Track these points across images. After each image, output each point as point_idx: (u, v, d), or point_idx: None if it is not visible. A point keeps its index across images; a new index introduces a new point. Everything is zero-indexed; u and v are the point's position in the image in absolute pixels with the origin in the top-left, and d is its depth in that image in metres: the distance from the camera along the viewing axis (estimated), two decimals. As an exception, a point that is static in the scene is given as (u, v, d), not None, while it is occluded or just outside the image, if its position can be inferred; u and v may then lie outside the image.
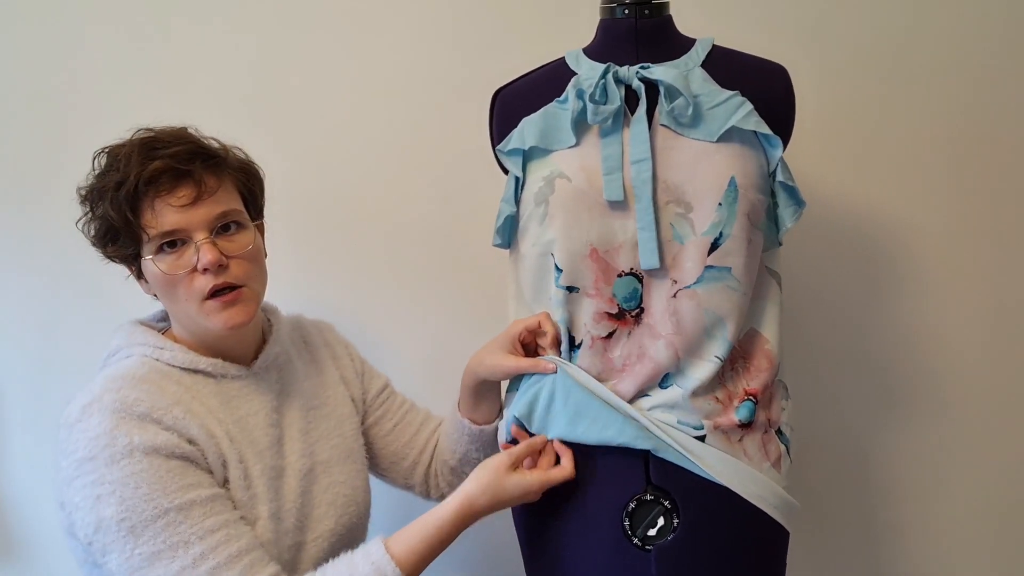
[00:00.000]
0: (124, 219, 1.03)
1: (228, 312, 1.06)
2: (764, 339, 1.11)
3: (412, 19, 1.55)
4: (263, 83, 1.56)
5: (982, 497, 1.55)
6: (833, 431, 1.56)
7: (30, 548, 1.58)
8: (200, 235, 1.04)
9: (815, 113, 1.47)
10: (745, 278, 1.07)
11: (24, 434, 1.58)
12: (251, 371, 1.13)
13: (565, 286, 1.09)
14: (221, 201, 1.07)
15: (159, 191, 1.03)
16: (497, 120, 1.19)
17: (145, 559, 0.95)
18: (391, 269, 1.58)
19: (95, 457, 0.97)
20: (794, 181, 1.09)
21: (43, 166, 1.57)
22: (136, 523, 0.95)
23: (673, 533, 1.05)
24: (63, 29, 1.55)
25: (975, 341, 1.54)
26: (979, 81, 1.52)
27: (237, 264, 1.07)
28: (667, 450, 1.04)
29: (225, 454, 1.05)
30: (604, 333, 1.09)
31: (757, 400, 1.09)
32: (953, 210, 1.53)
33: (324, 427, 1.20)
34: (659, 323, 1.07)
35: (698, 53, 1.12)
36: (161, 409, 1.01)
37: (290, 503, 1.10)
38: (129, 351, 1.09)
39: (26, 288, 1.57)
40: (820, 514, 1.54)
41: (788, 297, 1.26)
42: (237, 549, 0.99)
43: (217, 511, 1.00)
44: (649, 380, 1.08)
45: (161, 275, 1.05)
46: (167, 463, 0.98)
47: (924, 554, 1.56)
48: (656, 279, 1.07)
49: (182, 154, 1.04)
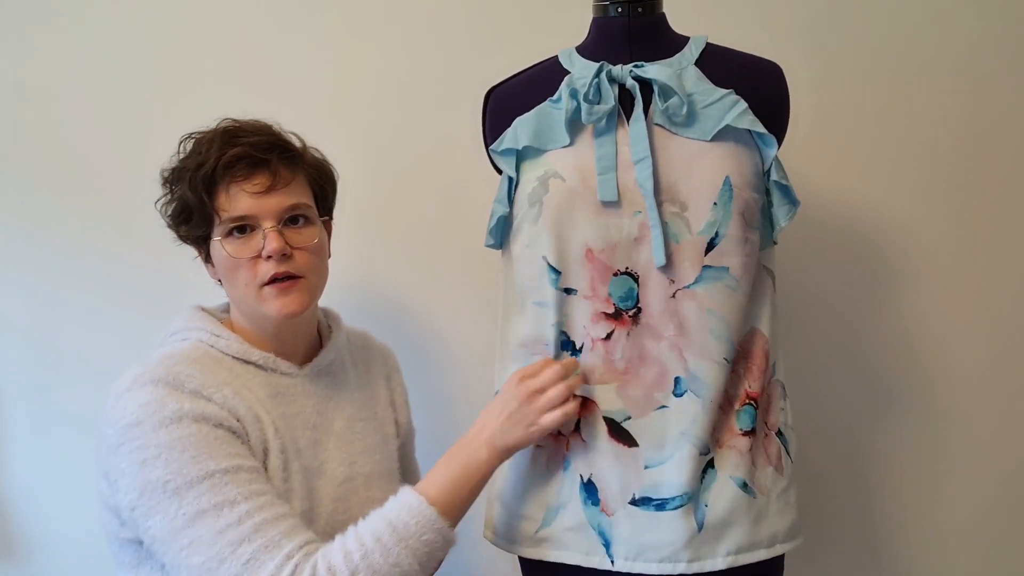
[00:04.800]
0: (199, 200, 1.07)
1: (283, 300, 1.08)
2: (764, 338, 1.10)
3: (404, 19, 1.55)
4: (261, 83, 1.56)
5: (980, 497, 1.55)
6: (830, 431, 1.55)
7: (30, 548, 1.58)
8: (268, 223, 1.07)
9: (810, 111, 1.46)
10: (743, 277, 1.07)
11: (24, 434, 1.58)
12: (302, 372, 1.15)
13: (563, 288, 1.08)
14: (293, 193, 1.10)
15: (235, 176, 1.07)
16: (490, 119, 1.19)
17: (189, 518, 0.96)
18: (391, 269, 1.58)
19: (142, 422, 0.98)
20: (788, 180, 1.09)
21: (44, 165, 1.57)
22: (181, 484, 0.96)
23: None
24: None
25: (972, 340, 1.54)
26: (976, 81, 1.51)
27: (300, 255, 1.10)
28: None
29: (268, 441, 1.06)
30: (603, 334, 1.08)
31: (757, 404, 1.09)
32: (949, 209, 1.53)
33: (369, 441, 1.20)
34: (659, 324, 1.06)
35: (692, 51, 1.12)
36: (212, 388, 1.03)
37: (322, 506, 1.10)
38: (186, 334, 1.12)
39: (26, 288, 1.57)
40: (817, 514, 1.54)
41: (785, 297, 1.26)
42: (282, 511, 1.00)
43: (262, 480, 1.01)
44: (657, 385, 1.06)
45: (227, 258, 1.08)
46: (215, 431, 1.00)
47: (922, 554, 1.56)
48: (653, 279, 1.06)
49: (261, 144, 1.09)
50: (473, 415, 1.57)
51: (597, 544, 1.07)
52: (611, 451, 1.07)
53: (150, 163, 1.53)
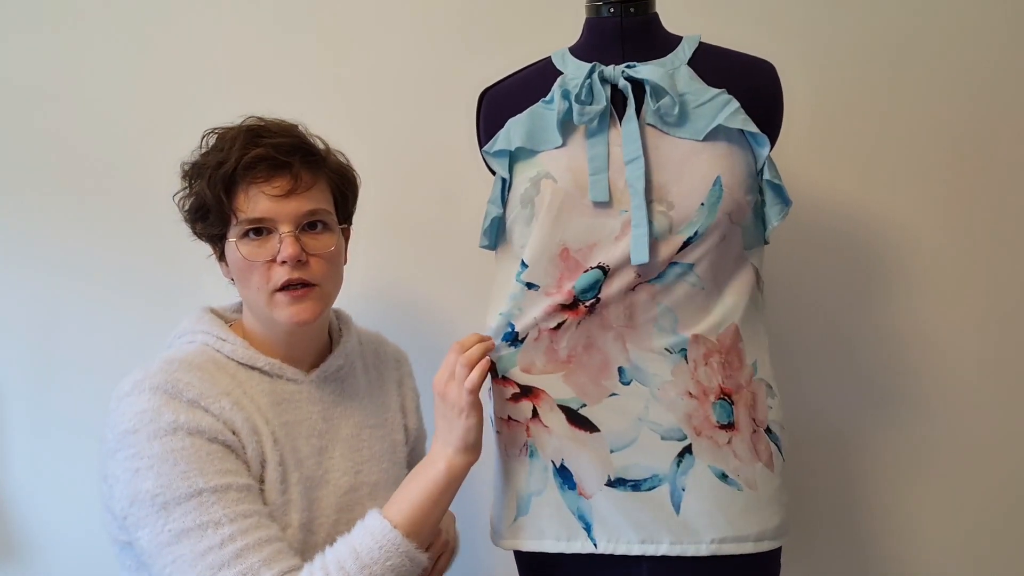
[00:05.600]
0: (217, 199, 1.05)
1: (295, 307, 1.07)
2: (740, 336, 1.10)
3: (401, 20, 1.55)
4: (257, 84, 1.56)
5: (972, 497, 1.54)
6: (821, 430, 1.55)
7: (30, 548, 1.59)
8: (286, 227, 1.06)
9: (805, 111, 1.46)
10: (708, 275, 1.07)
11: (24, 434, 1.59)
12: (308, 378, 1.13)
13: (526, 282, 1.08)
14: (313, 198, 1.08)
15: (255, 177, 1.05)
16: (484, 120, 1.19)
17: (174, 535, 0.96)
18: (388, 269, 1.58)
19: (138, 431, 0.98)
20: (781, 180, 1.09)
21: (43, 166, 1.58)
22: (169, 499, 0.96)
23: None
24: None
25: (966, 341, 1.53)
26: (974, 81, 1.51)
27: (316, 263, 1.08)
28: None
29: (266, 453, 1.05)
30: (553, 324, 1.08)
31: (732, 400, 1.09)
32: (944, 209, 1.53)
33: (377, 448, 1.19)
34: (612, 315, 1.07)
35: (684, 51, 1.12)
36: (210, 397, 1.02)
37: (324, 516, 1.09)
38: (192, 337, 1.11)
39: (26, 288, 1.58)
40: (809, 513, 1.54)
41: (777, 298, 1.26)
42: (267, 535, 0.99)
43: (251, 500, 1.01)
44: (602, 373, 1.07)
45: (241, 260, 1.06)
46: (208, 446, 0.99)
47: (912, 554, 1.56)
48: (621, 273, 1.06)
49: (284, 146, 1.07)
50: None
51: (577, 528, 1.08)
52: (574, 437, 1.08)
53: (150, 163, 1.56)
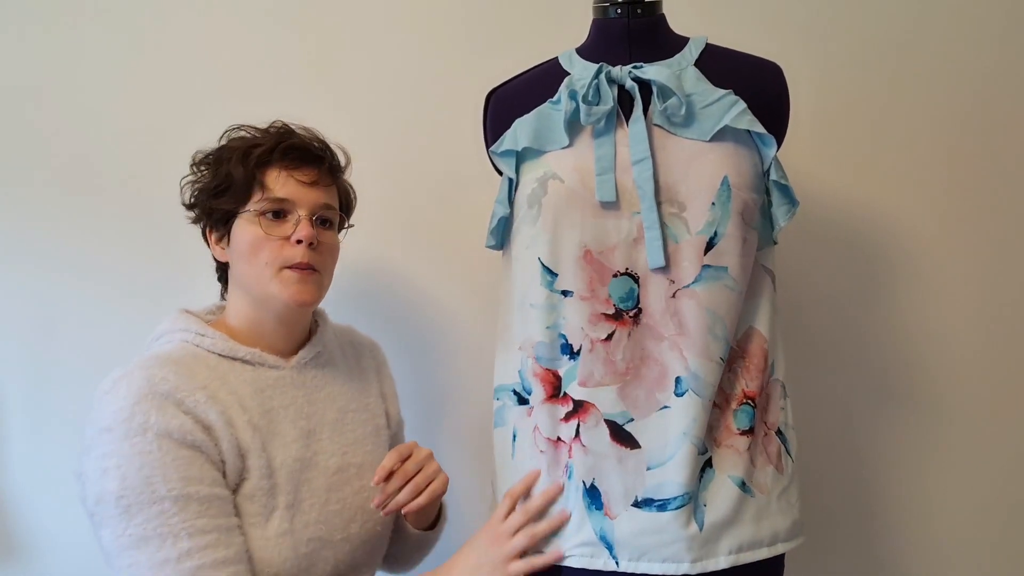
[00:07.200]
0: (248, 175, 1.11)
1: (299, 286, 1.11)
2: (763, 337, 1.10)
3: (406, 20, 1.55)
4: (257, 84, 1.56)
5: (980, 496, 1.55)
6: (830, 430, 1.55)
7: (29, 548, 1.58)
8: (304, 211, 1.12)
9: (811, 111, 1.47)
10: (741, 277, 1.07)
11: (24, 434, 1.58)
12: (289, 364, 1.16)
13: (559, 290, 1.08)
14: (330, 195, 1.18)
15: (288, 163, 1.13)
16: (491, 121, 1.19)
17: (134, 541, 0.97)
18: (392, 268, 1.58)
19: (112, 429, 0.99)
20: (787, 180, 1.09)
21: (42, 166, 1.57)
22: (132, 503, 0.97)
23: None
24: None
25: (973, 339, 1.54)
26: (977, 81, 1.51)
27: (322, 252, 1.15)
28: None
29: (244, 444, 1.06)
30: (603, 335, 1.07)
31: (755, 404, 1.09)
32: (949, 208, 1.53)
33: (361, 432, 1.22)
34: (660, 324, 1.06)
35: (691, 52, 1.12)
36: (184, 391, 1.03)
37: (313, 496, 1.11)
38: (171, 336, 1.13)
39: (25, 288, 1.57)
40: (817, 513, 1.54)
41: (785, 297, 1.26)
42: (224, 556, 1.00)
43: (212, 514, 1.01)
44: (659, 385, 1.06)
45: (257, 232, 1.11)
46: (176, 450, 1.00)
47: (923, 553, 1.56)
48: (653, 279, 1.06)
49: (318, 144, 1.17)
50: (473, 414, 1.59)
51: (600, 548, 1.07)
52: (614, 455, 1.06)
53: (149, 163, 1.56)
